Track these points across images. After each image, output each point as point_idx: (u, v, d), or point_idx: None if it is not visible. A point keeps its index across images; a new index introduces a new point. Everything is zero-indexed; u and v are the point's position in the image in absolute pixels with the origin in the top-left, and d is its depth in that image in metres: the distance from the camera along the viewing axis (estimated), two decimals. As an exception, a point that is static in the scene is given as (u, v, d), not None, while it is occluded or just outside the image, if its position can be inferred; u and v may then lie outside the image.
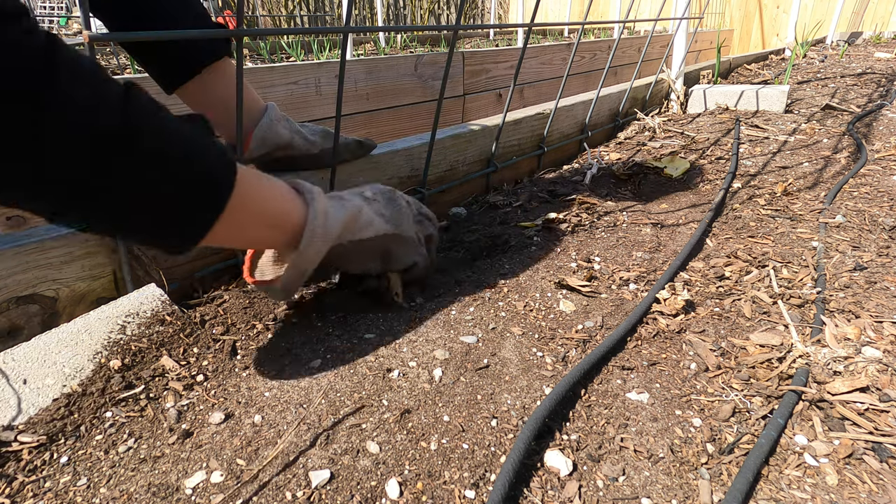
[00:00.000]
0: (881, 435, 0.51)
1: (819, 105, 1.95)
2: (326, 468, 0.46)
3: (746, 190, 1.19)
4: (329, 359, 0.61)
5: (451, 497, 0.45)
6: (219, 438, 0.50)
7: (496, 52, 2.85)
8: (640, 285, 0.80)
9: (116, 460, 0.48)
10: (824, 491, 0.47)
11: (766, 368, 0.61)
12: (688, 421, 0.54)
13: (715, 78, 2.26)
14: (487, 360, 0.62)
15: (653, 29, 1.64)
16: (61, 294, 0.63)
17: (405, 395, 0.55)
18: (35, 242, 0.60)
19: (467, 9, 6.59)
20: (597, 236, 0.96)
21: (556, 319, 0.71)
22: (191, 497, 0.44)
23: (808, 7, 5.05)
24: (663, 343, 0.67)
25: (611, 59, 1.40)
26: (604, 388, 0.59)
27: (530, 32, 2.26)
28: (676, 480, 0.48)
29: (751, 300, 0.75)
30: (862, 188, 1.15)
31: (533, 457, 0.49)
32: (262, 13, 4.70)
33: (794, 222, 1.01)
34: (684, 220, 1.04)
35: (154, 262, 0.70)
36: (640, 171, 1.33)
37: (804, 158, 1.39)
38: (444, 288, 0.78)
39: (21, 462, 0.47)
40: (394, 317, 0.70)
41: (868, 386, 0.56)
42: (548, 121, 1.36)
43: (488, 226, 1.02)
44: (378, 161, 0.98)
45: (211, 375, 0.58)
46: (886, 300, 0.73)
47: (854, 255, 0.86)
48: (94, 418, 0.51)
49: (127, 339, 0.60)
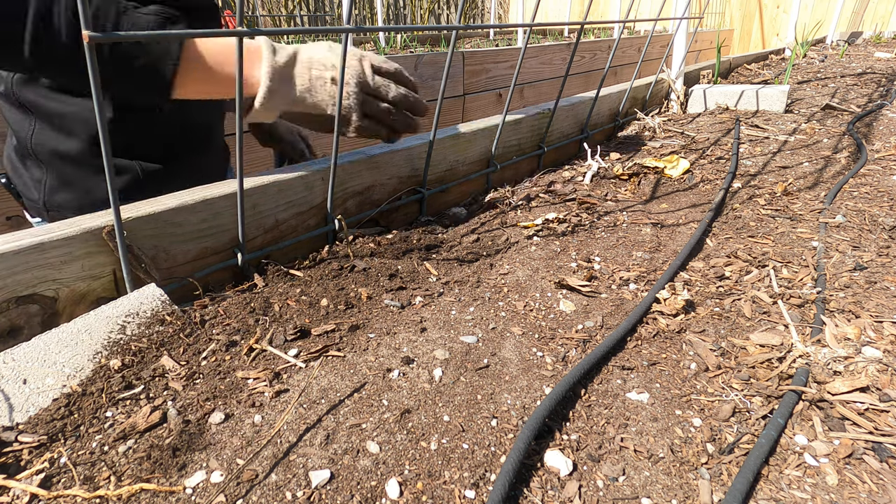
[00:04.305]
0: (881, 435, 0.51)
1: (819, 105, 1.95)
2: (326, 468, 0.46)
3: (746, 190, 1.19)
4: (329, 359, 0.61)
5: (451, 497, 0.45)
6: (219, 438, 0.50)
7: (496, 51, 2.84)
8: (640, 285, 0.80)
9: (116, 460, 0.48)
10: (824, 491, 0.47)
11: (766, 368, 0.61)
12: (688, 421, 0.54)
13: (715, 78, 2.26)
14: (487, 360, 0.62)
15: (653, 29, 1.64)
16: (61, 294, 0.63)
17: (405, 394, 0.56)
18: (35, 242, 0.60)
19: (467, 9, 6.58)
20: (597, 236, 0.96)
21: (556, 319, 0.71)
22: (191, 497, 0.44)
23: (808, 7, 5.05)
24: (663, 343, 0.67)
25: (611, 59, 1.40)
26: (604, 388, 0.59)
27: (530, 32, 2.26)
28: (676, 480, 0.48)
29: (751, 300, 0.75)
30: (862, 188, 1.15)
31: (533, 457, 0.49)
32: (262, 13, 4.70)
33: (794, 222, 1.01)
34: (684, 220, 1.04)
35: (154, 262, 0.70)
36: (640, 171, 1.33)
37: (804, 158, 1.39)
38: (443, 288, 0.78)
39: (21, 462, 0.47)
40: (394, 317, 0.70)
41: (868, 386, 0.56)
42: (548, 120, 1.36)
43: (488, 226, 1.02)
44: (378, 161, 0.98)
45: (211, 375, 0.58)
46: (886, 300, 0.73)
47: (854, 255, 0.86)
48: (94, 418, 0.51)
49: (127, 339, 0.60)
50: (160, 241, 0.70)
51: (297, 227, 0.87)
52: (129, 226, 0.66)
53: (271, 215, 0.82)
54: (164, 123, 0.93)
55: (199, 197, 0.73)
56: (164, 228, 0.70)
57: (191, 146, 1.01)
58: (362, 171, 0.96)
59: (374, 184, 0.98)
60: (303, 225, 0.88)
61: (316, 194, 0.88)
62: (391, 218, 1.03)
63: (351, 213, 0.96)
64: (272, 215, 0.83)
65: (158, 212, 0.69)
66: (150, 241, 0.69)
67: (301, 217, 0.87)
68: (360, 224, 0.97)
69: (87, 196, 0.93)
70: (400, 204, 1.03)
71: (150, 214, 0.68)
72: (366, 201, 0.98)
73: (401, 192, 1.04)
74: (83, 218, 0.66)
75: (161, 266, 0.71)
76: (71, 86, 0.85)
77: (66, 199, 0.93)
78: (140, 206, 0.69)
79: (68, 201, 0.93)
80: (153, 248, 0.70)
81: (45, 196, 0.93)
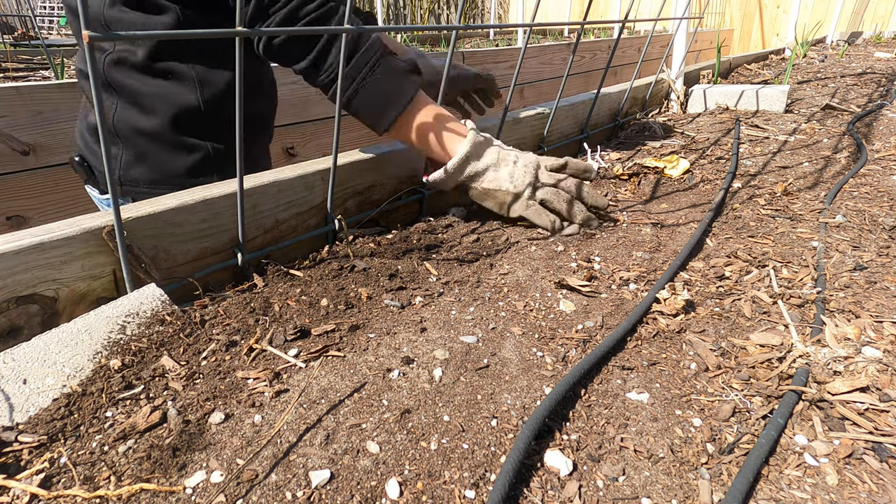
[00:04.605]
0: (881, 435, 0.51)
1: (819, 105, 1.95)
2: (326, 468, 0.46)
3: (746, 190, 1.19)
4: (329, 359, 0.61)
5: (451, 497, 0.45)
6: (219, 438, 0.50)
7: (496, 51, 2.84)
8: (640, 285, 0.80)
9: (116, 460, 0.48)
10: (824, 491, 0.47)
11: (766, 368, 0.61)
12: (688, 421, 0.54)
13: (715, 78, 2.26)
14: (487, 360, 0.62)
15: (653, 29, 1.64)
16: (61, 294, 0.63)
17: (405, 394, 0.56)
18: (35, 242, 0.60)
19: (467, 9, 6.58)
20: (597, 236, 0.96)
21: (556, 319, 0.71)
22: (191, 497, 0.44)
23: (808, 7, 5.05)
24: (663, 343, 0.67)
25: (611, 59, 1.40)
26: (604, 388, 0.59)
27: (530, 32, 2.26)
28: (676, 480, 0.48)
29: (751, 300, 0.75)
30: (862, 188, 1.15)
31: (533, 457, 0.49)
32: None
33: (794, 222, 1.01)
34: (684, 220, 1.04)
35: (154, 262, 0.70)
36: (640, 171, 1.33)
37: (804, 158, 1.39)
38: (444, 288, 0.78)
39: (21, 462, 0.47)
40: (394, 317, 0.70)
41: (868, 386, 0.56)
42: (548, 120, 1.36)
43: (488, 225, 1.02)
44: (378, 161, 0.98)
45: (211, 375, 0.58)
46: (886, 300, 0.73)
47: (854, 255, 0.86)
48: (94, 418, 0.51)
49: (127, 339, 0.60)
50: (160, 241, 0.70)
51: (297, 227, 0.87)
52: (129, 226, 0.66)
53: (271, 215, 0.83)
54: (232, 111, 1.02)
55: (198, 197, 0.73)
56: (164, 228, 0.70)
57: (252, 132, 1.10)
58: (362, 171, 0.96)
59: (374, 184, 0.98)
60: (303, 225, 0.88)
61: (316, 194, 0.88)
62: (391, 218, 1.03)
63: (351, 213, 0.96)
64: (272, 215, 0.83)
65: (158, 212, 0.69)
66: (150, 241, 0.69)
67: (301, 217, 0.87)
68: (360, 224, 0.97)
69: (160, 170, 1.00)
70: (400, 204, 1.03)
71: (150, 214, 0.68)
72: (366, 201, 0.98)
73: (401, 192, 1.04)
74: (83, 218, 0.66)
75: (161, 266, 0.71)
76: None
77: (141, 173, 1.00)
78: (140, 206, 0.69)
79: (142, 174, 1.00)
80: (153, 248, 0.70)
81: (120, 171, 1.00)
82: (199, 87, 0.97)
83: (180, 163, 1.00)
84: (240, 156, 0.68)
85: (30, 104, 1.51)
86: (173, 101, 0.96)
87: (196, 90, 0.97)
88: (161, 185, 1.00)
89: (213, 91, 0.99)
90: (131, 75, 0.95)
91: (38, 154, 1.56)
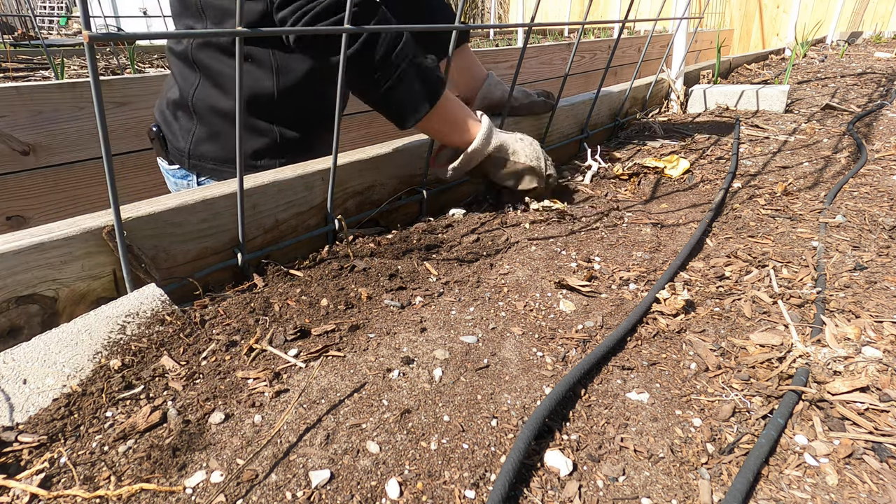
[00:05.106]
0: (881, 435, 0.51)
1: (819, 105, 1.95)
2: (326, 468, 0.46)
3: (746, 190, 1.19)
4: (329, 359, 0.61)
5: (451, 497, 0.45)
6: (219, 438, 0.50)
7: (496, 51, 2.85)
8: (640, 285, 0.80)
9: (116, 460, 0.48)
10: (824, 491, 0.47)
11: (766, 368, 0.61)
12: (688, 421, 0.54)
13: (715, 78, 2.26)
14: (487, 360, 0.62)
15: (653, 29, 1.64)
16: (61, 294, 0.63)
17: (405, 394, 0.56)
18: (35, 242, 0.60)
19: (467, 9, 6.58)
20: (597, 236, 0.96)
21: (556, 319, 0.71)
22: (191, 497, 0.44)
23: (808, 7, 5.05)
24: (663, 343, 0.67)
25: (611, 59, 1.40)
26: (604, 388, 0.59)
27: (530, 32, 2.26)
28: (676, 480, 0.48)
29: (751, 300, 0.75)
30: (862, 188, 1.15)
31: (533, 457, 0.49)
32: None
33: (794, 222, 1.01)
34: (684, 220, 1.04)
35: (154, 262, 0.70)
36: (640, 171, 1.33)
37: (804, 158, 1.39)
38: (444, 288, 0.78)
39: (21, 462, 0.47)
40: (394, 317, 0.70)
41: (868, 386, 0.56)
42: (547, 120, 1.36)
43: (488, 226, 1.02)
44: (378, 161, 0.98)
45: (211, 375, 0.58)
46: (886, 300, 0.73)
47: (854, 255, 0.86)
48: (94, 418, 0.51)
49: (127, 339, 0.60)
50: (160, 241, 0.70)
51: (297, 227, 0.87)
52: (129, 226, 0.66)
53: (271, 215, 0.83)
54: (303, 99, 1.07)
55: (198, 197, 0.73)
56: (164, 228, 0.70)
57: (319, 122, 1.14)
58: (362, 171, 0.96)
59: (374, 184, 0.98)
60: (303, 225, 0.88)
61: (316, 194, 0.88)
62: (391, 218, 1.03)
63: (351, 213, 0.96)
64: (272, 215, 0.83)
65: (158, 212, 0.69)
66: (150, 241, 0.69)
67: (301, 217, 0.87)
68: (360, 224, 0.97)
69: (229, 149, 1.04)
70: (400, 204, 1.03)
71: (150, 214, 0.68)
72: (366, 201, 0.98)
73: (401, 192, 1.04)
74: (83, 218, 0.66)
75: (161, 266, 0.71)
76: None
77: (209, 150, 1.05)
78: (140, 206, 0.69)
79: (211, 151, 1.05)
80: (153, 248, 0.70)
81: (191, 145, 1.05)
82: (276, 73, 1.00)
83: (248, 145, 1.04)
84: (240, 156, 0.68)
85: (30, 104, 1.51)
86: (250, 85, 0.99)
87: (273, 76, 1.00)
88: (226, 163, 1.05)
89: (290, 78, 1.01)
90: (215, 56, 0.99)
91: (38, 154, 1.56)
